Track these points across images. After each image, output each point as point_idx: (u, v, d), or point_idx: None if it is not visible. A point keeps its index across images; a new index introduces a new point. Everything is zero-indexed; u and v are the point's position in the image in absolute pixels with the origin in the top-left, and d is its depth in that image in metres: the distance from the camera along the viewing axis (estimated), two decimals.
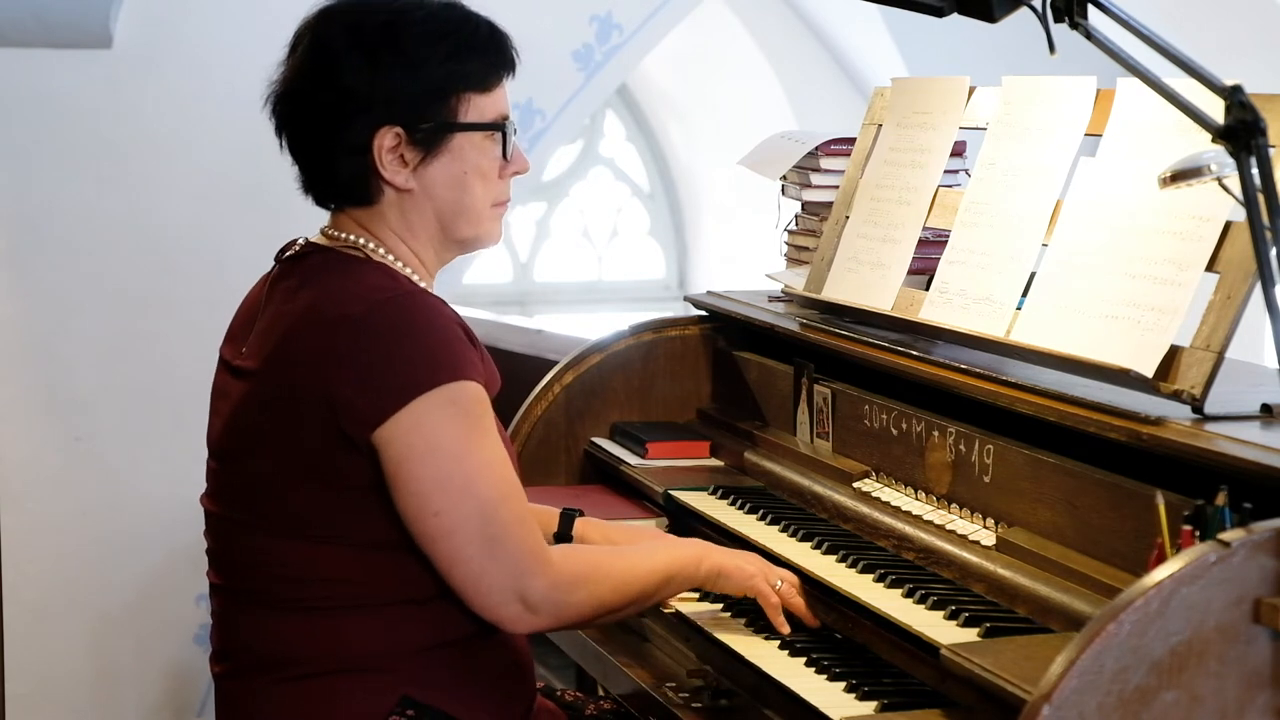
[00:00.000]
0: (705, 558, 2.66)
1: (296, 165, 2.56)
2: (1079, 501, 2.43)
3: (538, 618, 2.43)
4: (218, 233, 4.83)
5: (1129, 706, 1.92)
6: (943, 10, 2.30)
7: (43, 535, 4.86)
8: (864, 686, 2.42)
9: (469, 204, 2.54)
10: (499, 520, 2.40)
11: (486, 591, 2.40)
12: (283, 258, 2.59)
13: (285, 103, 2.53)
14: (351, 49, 2.47)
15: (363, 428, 2.37)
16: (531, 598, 2.41)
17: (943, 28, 3.05)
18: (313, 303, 2.45)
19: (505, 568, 2.40)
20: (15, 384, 4.86)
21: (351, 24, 2.50)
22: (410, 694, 2.43)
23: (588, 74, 5.27)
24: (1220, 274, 2.40)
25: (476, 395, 2.43)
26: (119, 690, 5.01)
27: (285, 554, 2.43)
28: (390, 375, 2.37)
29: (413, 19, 2.50)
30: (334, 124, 2.48)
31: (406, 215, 2.53)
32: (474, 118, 2.52)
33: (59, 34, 4.72)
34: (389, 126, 2.47)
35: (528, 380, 3.59)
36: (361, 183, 2.51)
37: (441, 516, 2.38)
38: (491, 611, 2.42)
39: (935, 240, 3.07)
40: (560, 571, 2.44)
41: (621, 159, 9.99)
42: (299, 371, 2.41)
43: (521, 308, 9.55)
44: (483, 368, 2.47)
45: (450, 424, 2.39)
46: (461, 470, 2.39)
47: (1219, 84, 2.04)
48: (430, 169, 2.51)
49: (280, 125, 2.55)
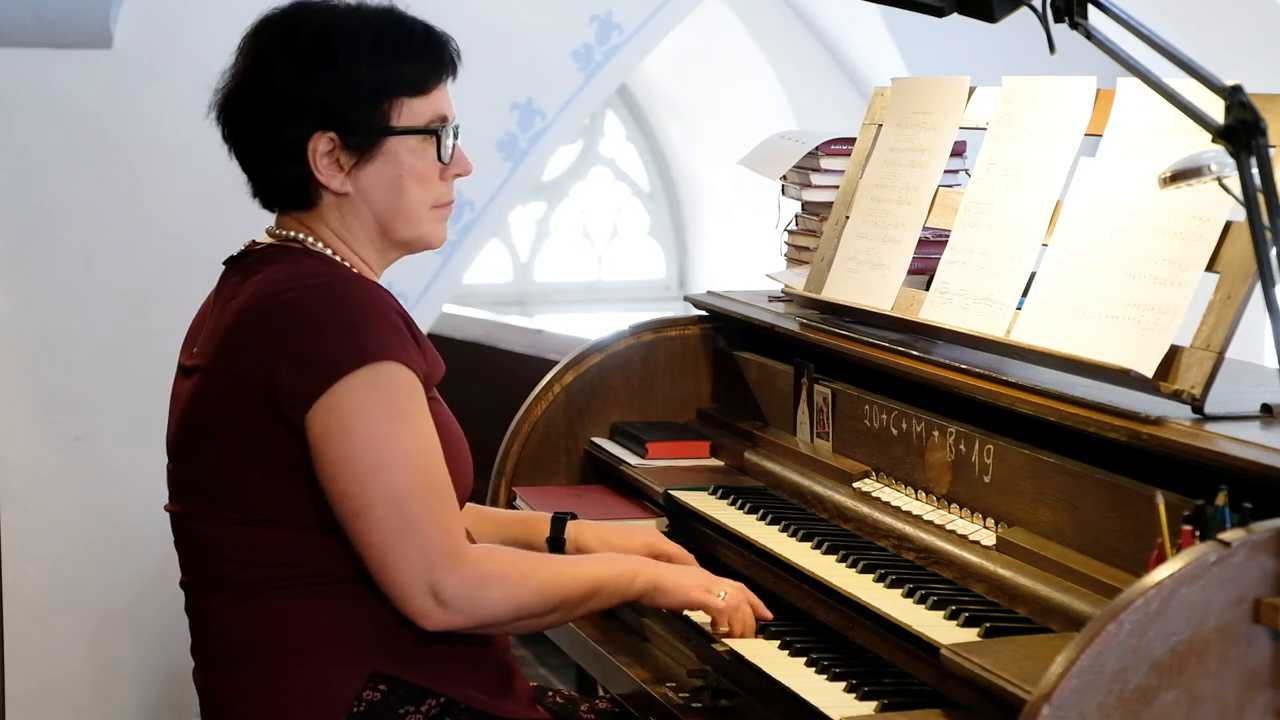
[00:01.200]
0: (640, 572, 2.61)
1: (242, 170, 2.61)
2: (1079, 501, 2.43)
3: (449, 614, 2.41)
4: (218, 233, 4.80)
5: (1129, 706, 1.92)
6: (943, 10, 2.30)
7: (43, 535, 4.86)
8: (864, 686, 2.42)
9: (405, 206, 2.56)
10: (408, 510, 2.39)
11: (395, 581, 2.40)
12: (230, 258, 2.63)
13: (225, 107, 2.58)
14: (284, 55, 2.52)
15: (295, 411, 2.40)
16: (443, 592, 2.40)
17: (943, 28, 3.05)
18: (252, 293, 2.48)
19: (415, 559, 2.39)
20: (15, 384, 4.86)
21: (286, 31, 2.55)
22: (381, 669, 2.44)
23: (588, 74, 5.27)
24: (1220, 274, 2.40)
25: (400, 379, 2.42)
26: (119, 690, 5.01)
27: (238, 539, 2.46)
28: (318, 356, 2.40)
29: (345, 26, 2.53)
30: (270, 128, 2.53)
31: (345, 218, 2.56)
32: (408, 121, 2.54)
33: (59, 34, 4.72)
34: (322, 131, 2.50)
35: (528, 380, 3.60)
36: (299, 186, 2.55)
37: (347, 500, 2.39)
38: (402, 602, 2.41)
39: (935, 240, 3.07)
40: (476, 569, 2.43)
41: (621, 159, 10.00)
42: (241, 359, 2.44)
43: (521, 308, 9.55)
44: (419, 353, 2.47)
45: (368, 406, 2.39)
46: (372, 455, 2.39)
47: (1219, 84, 2.04)
48: (365, 173, 2.54)
49: (224, 131, 2.60)
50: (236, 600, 2.47)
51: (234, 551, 2.47)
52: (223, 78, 2.59)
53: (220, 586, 2.50)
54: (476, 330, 6.58)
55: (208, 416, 2.48)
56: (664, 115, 9.81)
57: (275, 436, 2.42)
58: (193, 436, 2.52)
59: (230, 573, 2.48)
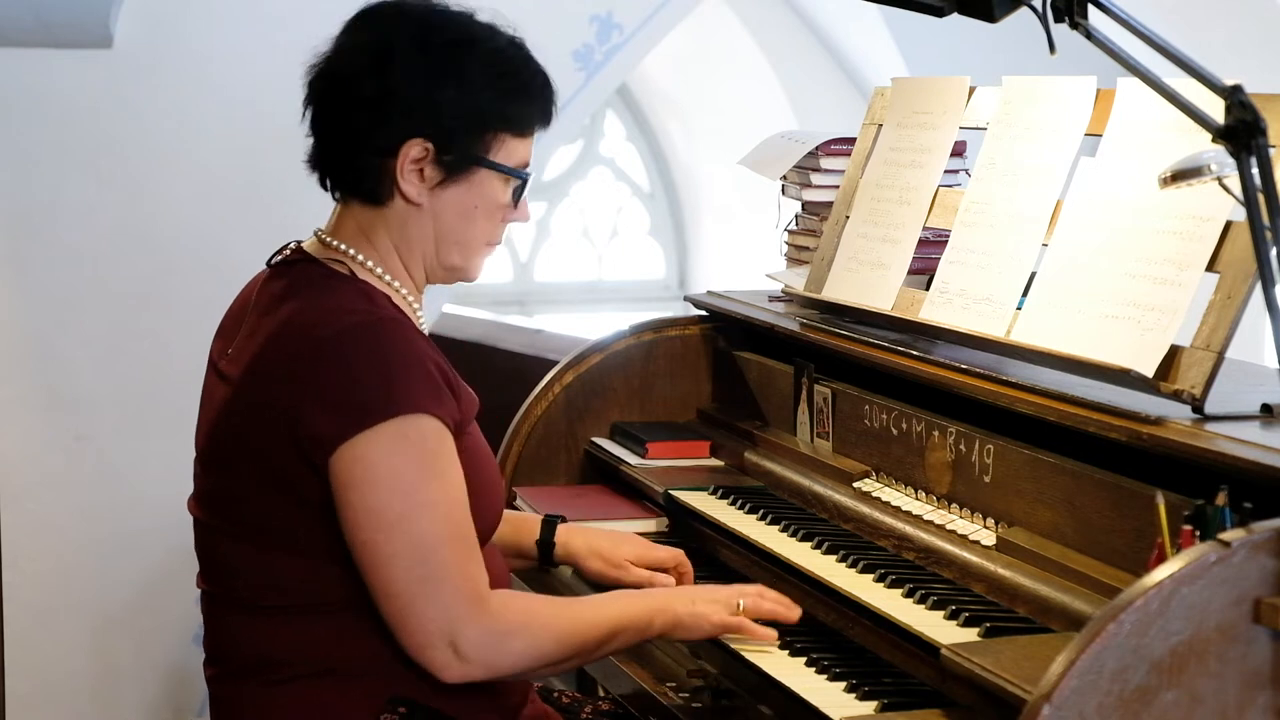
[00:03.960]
0: (659, 614, 2.57)
1: (315, 141, 2.54)
2: (1079, 501, 2.43)
3: (469, 666, 2.38)
4: (218, 233, 4.82)
5: (1129, 706, 1.92)
6: (943, 10, 2.30)
7: (43, 535, 4.86)
8: (864, 686, 2.42)
9: (469, 236, 2.55)
10: (435, 561, 2.36)
11: (414, 630, 2.37)
12: (274, 262, 2.59)
13: (326, 80, 2.51)
14: (415, 51, 2.47)
15: (318, 450, 2.36)
16: (463, 645, 2.37)
17: (943, 28, 3.05)
18: (289, 318, 2.45)
19: (436, 611, 2.36)
20: (15, 384, 4.85)
21: (421, 28, 2.49)
22: (400, 693, 2.42)
23: (588, 74, 5.27)
24: (1220, 274, 2.40)
25: (433, 431, 2.39)
26: (119, 690, 5.00)
27: (256, 560, 2.44)
28: (347, 401, 2.36)
29: (481, 46, 2.50)
30: (370, 118, 2.47)
31: (407, 228, 2.52)
32: (502, 158, 2.52)
33: (59, 34, 4.71)
34: (421, 139, 2.47)
35: (528, 380, 3.60)
36: (375, 181, 2.50)
37: (369, 549, 2.36)
38: (420, 653, 2.38)
39: (935, 240, 3.07)
40: (497, 619, 2.40)
41: (621, 159, 9.99)
42: (270, 385, 2.41)
43: (521, 308, 9.55)
44: (452, 401, 2.43)
45: (397, 458, 2.36)
46: (400, 506, 2.35)
47: (1219, 84, 2.04)
48: (446, 192, 2.51)
49: (312, 99, 2.53)
50: (256, 617, 2.45)
51: (255, 574, 2.44)
52: (330, 49, 2.52)
53: (238, 602, 2.47)
54: (477, 330, 6.57)
55: (234, 435, 2.45)
56: (664, 115, 9.80)
57: (296, 469, 2.38)
58: (219, 449, 2.49)
59: (249, 594, 2.45)
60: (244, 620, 2.47)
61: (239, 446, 2.45)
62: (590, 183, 9.97)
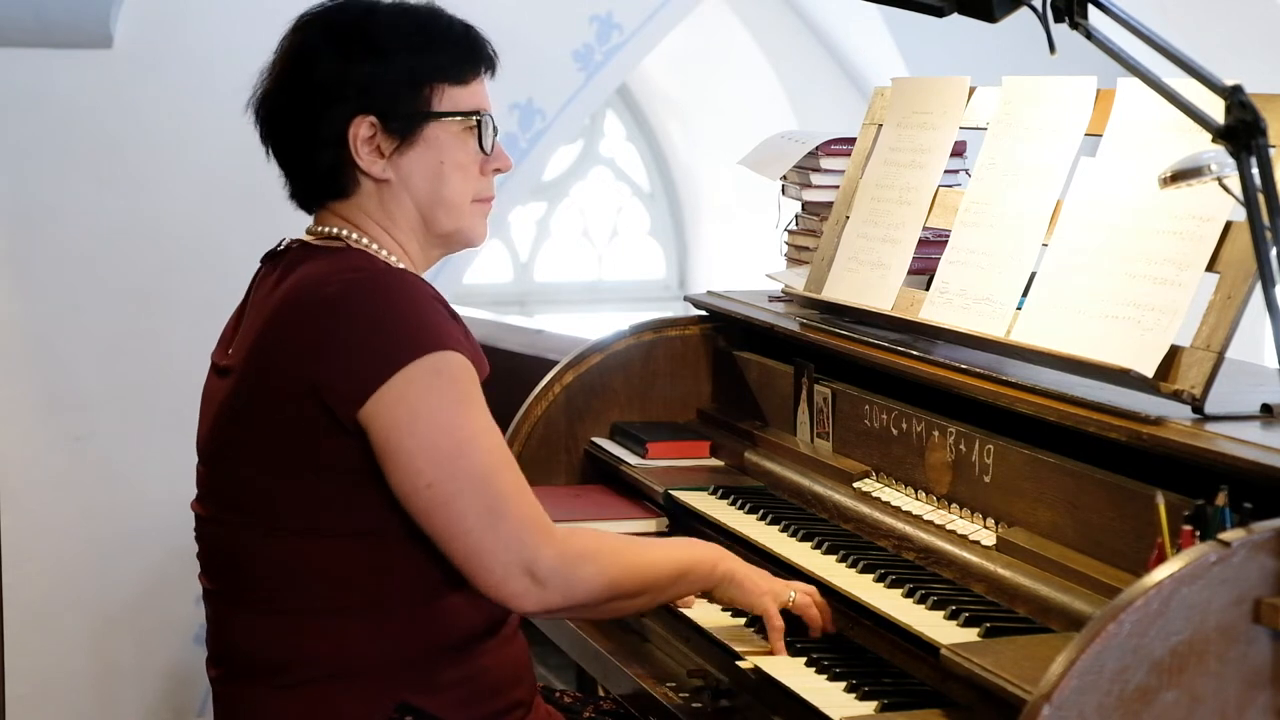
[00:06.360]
0: (722, 560, 2.60)
1: (280, 167, 2.58)
2: (1079, 501, 2.43)
3: (547, 592, 2.36)
4: (218, 233, 4.83)
5: (1129, 706, 1.92)
6: (943, 10, 2.30)
7: (43, 535, 4.86)
8: (864, 686, 2.42)
9: (447, 195, 2.54)
10: (496, 490, 2.35)
11: (490, 566, 2.34)
12: (268, 254, 2.60)
13: (264, 104, 2.56)
14: (325, 43, 2.51)
15: (348, 406, 2.34)
16: (539, 570, 2.35)
17: (943, 28, 3.05)
18: (289, 291, 2.45)
19: (508, 539, 2.34)
20: (15, 384, 4.86)
21: (325, 23, 2.54)
22: (407, 699, 2.41)
23: (588, 74, 5.28)
24: (1220, 274, 2.40)
25: (462, 365, 2.39)
26: (119, 690, 5.01)
27: (270, 553, 2.41)
28: (370, 351, 2.35)
29: (384, 14, 2.54)
30: (310, 117, 2.50)
31: (386, 205, 2.53)
32: (448, 108, 2.53)
33: (59, 34, 4.72)
34: (363, 116, 2.49)
35: (528, 380, 3.59)
36: (339, 173, 2.51)
37: (435, 488, 2.34)
38: (497, 588, 2.35)
39: (935, 240, 3.07)
40: (567, 544, 2.39)
41: (621, 159, 10.00)
42: (280, 359, 2.40)
43: (521, 308, 9.55)
44: (468, 344, 2.43)
45: (435, 394, 2.35)
46: (451, 439, 2.34)
47: (1219, 84, 2.04)
48: (406, 158, 2.52)
49: (262, 129, 2.57)
50: (263, 617, 2.43)
51: (266, 569, 2.42)
52: (260, 77, 2.57)
53: (244, 601, 2.46)
54: (476, 330, 6.56)
55: (241, 419, 2.43)
56: (664, 115, 9.80)
57: (323, 440, 2.36)
58: (224, 440, 2.47)
59: (260, 590, 2.43)
60: (251, 619, 2.45)
61: (244, 429, 2.43)
62: (590, 183, 9.97)
